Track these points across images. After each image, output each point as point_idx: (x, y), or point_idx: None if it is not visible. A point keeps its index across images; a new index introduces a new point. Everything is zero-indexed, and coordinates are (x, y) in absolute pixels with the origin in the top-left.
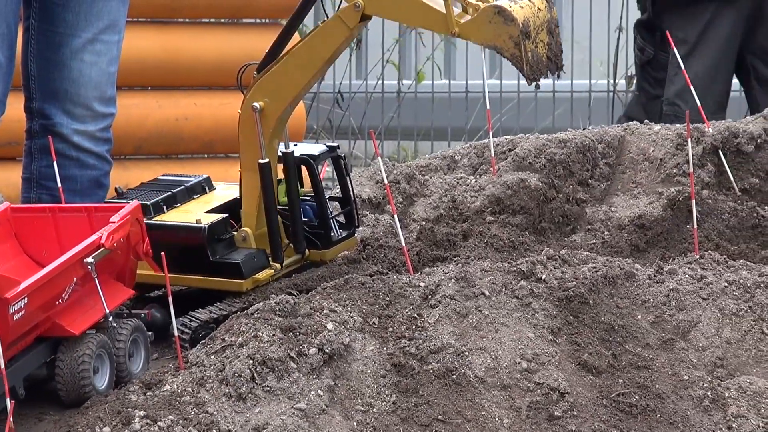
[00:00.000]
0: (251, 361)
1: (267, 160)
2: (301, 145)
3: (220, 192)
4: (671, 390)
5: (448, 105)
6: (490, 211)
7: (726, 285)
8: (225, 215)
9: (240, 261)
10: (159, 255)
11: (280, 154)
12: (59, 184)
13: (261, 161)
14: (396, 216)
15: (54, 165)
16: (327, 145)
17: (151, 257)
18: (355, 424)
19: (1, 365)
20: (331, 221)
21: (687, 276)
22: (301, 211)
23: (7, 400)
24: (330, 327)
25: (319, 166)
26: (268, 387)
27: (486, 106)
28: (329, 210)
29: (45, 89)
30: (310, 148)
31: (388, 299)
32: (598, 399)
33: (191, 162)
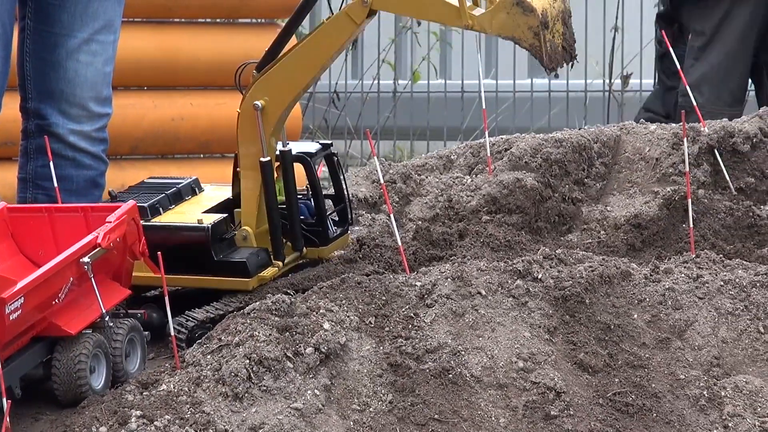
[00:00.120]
0: (248, 361)
1: (268, 158)
2: (295, 144)
3: (210, 193)
4: (667, 389)
5: (443, 105)
6: (486, 211)
7: (722, 284)
8: (225, 215)
9: (246, 259)
10: (162, 256)
11: (277, 153)
12: (56, 184)
13: (262, 159)
14: (392, 215)
15: (50, 165)
16: (320, 143)
17: (148, 257)
18: (352, 423)
19: None
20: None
21: (683, 275)
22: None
23: (4, 399)
24: (326, 326)
25: (316, 164)
26: (264, 386)
27: (482, 105)
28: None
29: (41, 89)
30: (304, 146)
31: (384, 299)
32: (594, 398)
33: (187, 162)
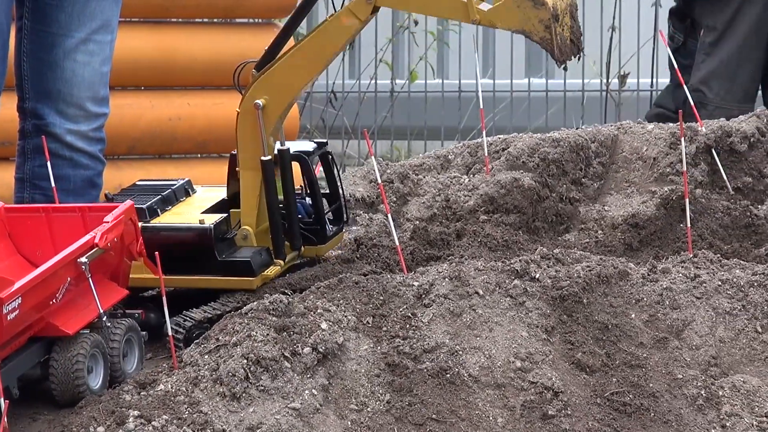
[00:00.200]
0: (245, 361)
1: (269, 157)
2: (291, 143)
3: (202, 194)
4: (665, 389)
5: (441, 104)
6: (483, 211)
7: (719, 284)
8: (225, 215)
9: (250, 259)
10: (161, 257)
11: (275, 152)
12: (53, 183)
13: (263, 158)
14: (390, 215)
15: (47, 165)
16: (316, 142)
17: (148, 259)
18: (349, 423)
19: None
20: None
21: (680, 275)
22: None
23: (1, 399)
24: (324, 326)
25: (314, 163)
26: (262, 386)
27: (479, 105)
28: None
29: (38, 89)
30: (301, 145)
31: (382, 298)
32: (591, 398)
33: (184, 162)
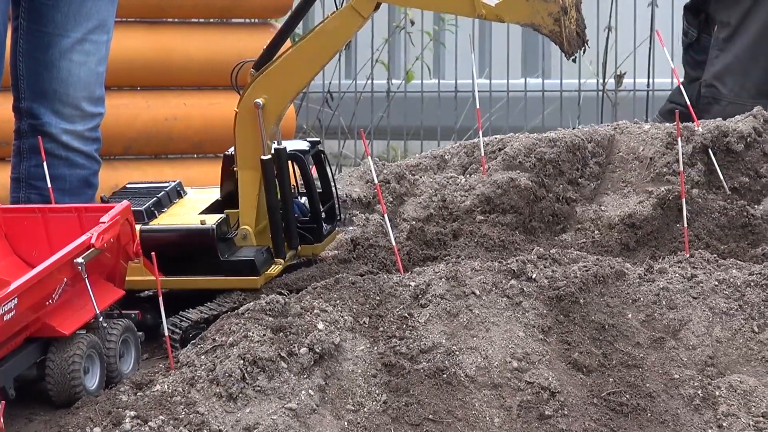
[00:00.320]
0: (242, 361)
1: (269, 156)
2: (285, 142)
3: (194, 195)
4: (662, 389)
5: (437, 104)
6: (480, 211)
7: (716, 284)
8: (225, 215)
9: (254, 258)
10: (162, 258)
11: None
12: (49, 184)
13: (263, 158)
14: (386, 215)
15: (43, 165)
16: (309, 141)
17: (147, 260)
18: (346, 423)
19: None
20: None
21: (677, 275)
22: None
23: None
24: (320, 327)
25: (310, 162)
26: (258, 387)
27: (475, 105)
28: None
29: (34, 89)
30: (295, 144)
31: (378, 299)
32: (588, 398)
33: (180, 162)
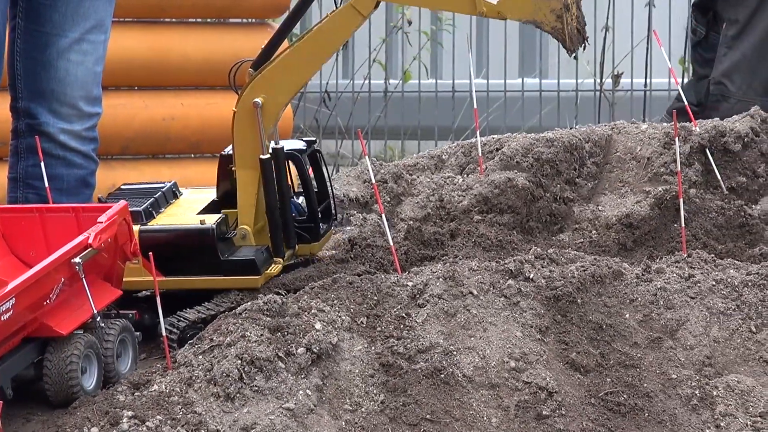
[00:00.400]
0: (239, 361)
1: (268, 155)
2: (281, 141)
3: (190, 196)
4: (659, 389)
5: (434, 104)
6: (477, 211)
7: (714, 284)
8: (223, 215)
9: (254, 257)
10: (161, 259)
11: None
12: (46, 183)
13: (262, 157)
14: (384, 215)
15: (41, 164)
16: (305, 140)
17: (147, 261)
18: (344, 423)
19: None
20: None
21: (675, 275)
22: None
23: None
24: (318, 326)
25: (306, 162)
26: (256, 387)
27: (473, 105)
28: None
29: (31, 89)
30: (291, 143)
31: (376, 299)
32: (586, 398)
33: (178, 162)
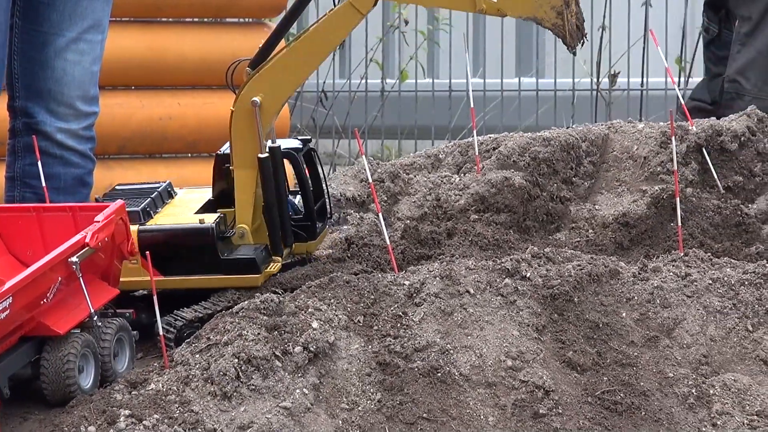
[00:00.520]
0: (236, 360)
1: (267, 154)
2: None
3: (185, 195)
4: (656, 387)
5: (431, 104)
6: (474, 210)
7: (710, 282)
8: (222, 214)
9: (255, 256)
10: (161, 258)
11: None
12: (44, 182)
13: (261, 155)
14: (380, 214)
15: (38, 163)
16: (300, 139)
17: (146, 260)
18: (340, 422)
19: None
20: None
21: (671, 274)
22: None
23: None
24: (315, 325)
25: (302, 160)
26: (253, 385)
27: (470, 104)
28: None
29: (28, 88)
30: (287, 142)
31: (372, 297)
32: (582, 397)
33: (174, 161)
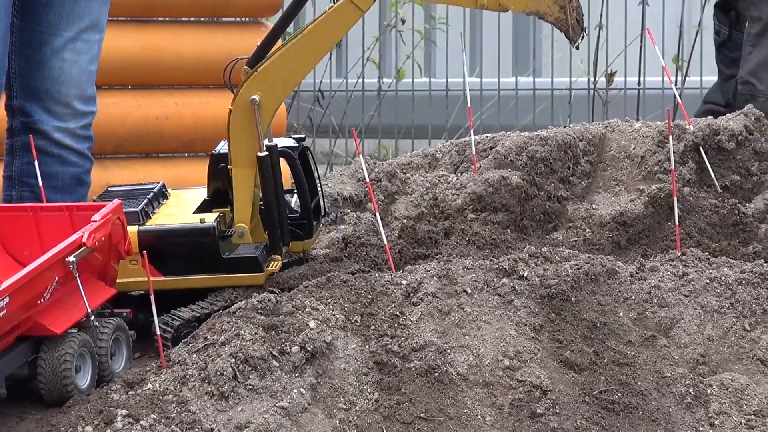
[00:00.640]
0: (233, 360)
1: (266, 153)
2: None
3: (179, 196)
4: (653, 387)
5: (428, 103)
6: (471, 209)
7: (708, 282)
8: (221, 213)
9: (257, 255)
10: (162, 258)
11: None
12: (41, 182)
13: (260, 154)
14: (378, 214)
15: (35, 162)
16: (294, 138)
17: (146, 260)
18: (338, 422)
19: None
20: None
21: (669, 273)
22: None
23: None
24: (312, 325)
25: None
26: (250, 385)
27: (467, 103)
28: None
29: (26, 87)
30: (282, 141)
31: (370, 297)
32: (580, 396)
33: (171, 161)
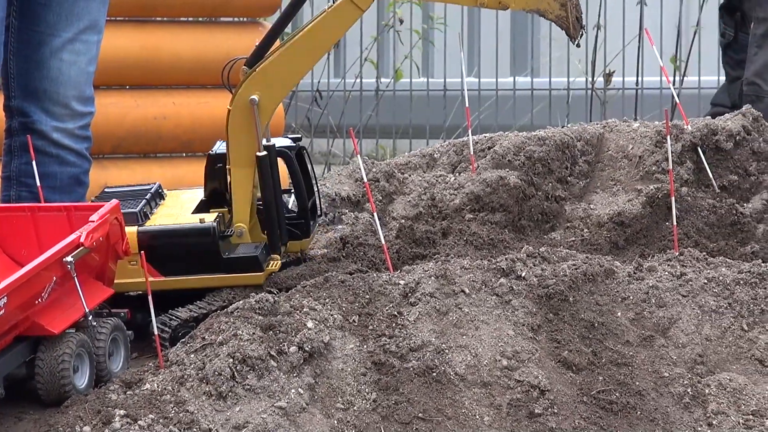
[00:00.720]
0: (231, 360)
1: (265, 152)
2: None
3: (176, 196)
4: (651, 387)
5: (426, 103)
6: (469, 209)
7: (705, 282)
8: (220, 213)
9: (257, 254)
10: (161, 259)
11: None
12: (38, 182)
13: (259, 154)
14: (375, 214)
15: (33, 163)
16: (290, 138)
17: (146, 261)
18: (336, 422)
19: None
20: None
21: (666, 273)
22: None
23: None
24: (310, 325)
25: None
26: (248, 385)
27: (464, 103)
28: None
29: (24, 88)
30: (279, 141)
31: (368, 297)
32: (578, 396)
33: (169, 161)
